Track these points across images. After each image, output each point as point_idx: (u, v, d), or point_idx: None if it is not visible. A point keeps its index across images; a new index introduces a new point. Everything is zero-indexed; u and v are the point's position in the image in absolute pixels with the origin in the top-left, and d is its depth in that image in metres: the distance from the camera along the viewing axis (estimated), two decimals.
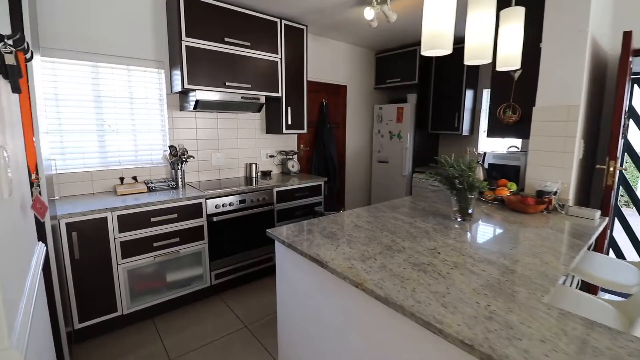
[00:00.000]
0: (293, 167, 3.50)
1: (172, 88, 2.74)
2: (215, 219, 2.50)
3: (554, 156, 2.16)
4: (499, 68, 1.73)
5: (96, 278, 2.04)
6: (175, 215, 2.32)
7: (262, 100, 2.90)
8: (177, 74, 2.58)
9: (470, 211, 1.83)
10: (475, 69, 3.84)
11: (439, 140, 4.53)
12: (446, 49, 1.30)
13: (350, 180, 4.47)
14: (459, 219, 1.84)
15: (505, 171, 2.74)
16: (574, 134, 2.08)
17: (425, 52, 1.34)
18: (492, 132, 2.51)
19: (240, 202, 2.67)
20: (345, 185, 4.40)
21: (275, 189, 2.90)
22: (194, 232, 2.43)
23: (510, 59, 1.66)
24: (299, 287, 1.50)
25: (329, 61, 3.96)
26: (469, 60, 1.62)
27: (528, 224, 1.79)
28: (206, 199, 2.47)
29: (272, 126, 3.33)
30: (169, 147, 2.73)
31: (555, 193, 2.10)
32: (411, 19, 3.08)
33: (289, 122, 3.22)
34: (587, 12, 1.98)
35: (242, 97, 2.77)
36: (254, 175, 3.27)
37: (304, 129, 3.39)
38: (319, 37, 3.82)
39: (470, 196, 1.79)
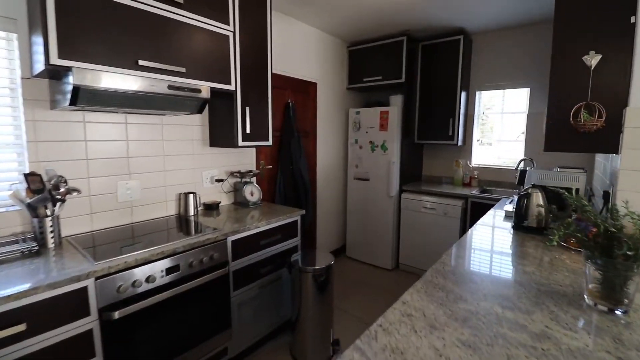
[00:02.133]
0: (252, 194, 2.41)
1: (32, 67, 1.49)
2: (118, 314, 1.31)
3: None
4: None
5: None
6: (22, 328, 1.09)
7: (205, 94, 1.79)
8: (38, 41, 1.35)
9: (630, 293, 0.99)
10: (468, 66, 3.21)
11: (423, 152, 3.82)
12: None
13: (322, 205, 3.50)
14: (603, 307, 1.00)
15: (559, 197, 2.06)
16: None
17: None
18: (554, 143, 1.77)
19: (170, 270, 1.52)
20: (316, 212, 3.42)
21: (230, 238, 1.80)
22: (71, 348, 1.21)
23: None
24: None
25: (296, 49, 2.97)
26: None
27: None
28: (96, 278, 1.27)
29: (221, 136, 2.22)
30: (26, 175, 1.46)
31: None
32: None
33: (248, 130, 2.14)
34: None
35: (170, 87, 1.63)
36: (192, 213, 2.11)
37: (268, 140, 2.33)
38: (285, 15, 2.82)
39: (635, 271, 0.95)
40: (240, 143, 2.12)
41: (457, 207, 3.00)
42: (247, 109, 2.12)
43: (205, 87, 1.76)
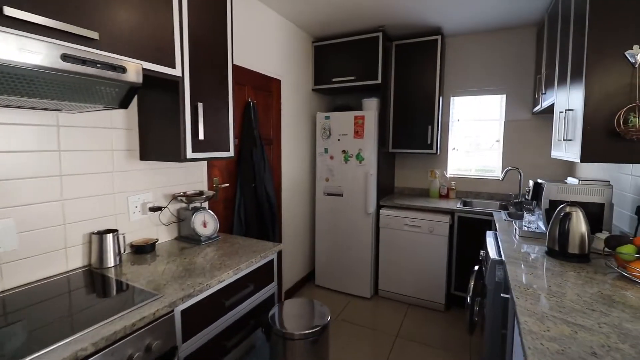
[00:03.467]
0: (206, 225, 1.73)
1: None
2: None
3: None
4: None
5: None
6: None
7: (133, 77, 1.10)
8: None
9: None
10: (444, 69, 2.96)
11: (395, 161, 3.49)
12: None
13: (287, 226, 2.91)
14: None
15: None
16: None
17: None
18: (594, 153, 1.48)
19: None
20: (281, 236, 2.81)
21: (178, 308, 1.12)
22: None
23: None
24: None
25: (256, 37, 2.38)
26: None
27: None
28: None
29: (158, 145, 1.51)
30: None
31: None
32: None
33: (201, 136, 1.48)
34: None
35: (65, 59, 0.92)
36: (111, 263, 1.36)
37: (229, 150, 1.69)
38: None
39: None
40: (190, 155, 1.45)
41: (444, 224, 2.67)
42: (200, 105, 1.47)
43: (134, 66, 1.08)
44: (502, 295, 1.44)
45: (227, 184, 2.16)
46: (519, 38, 2.86)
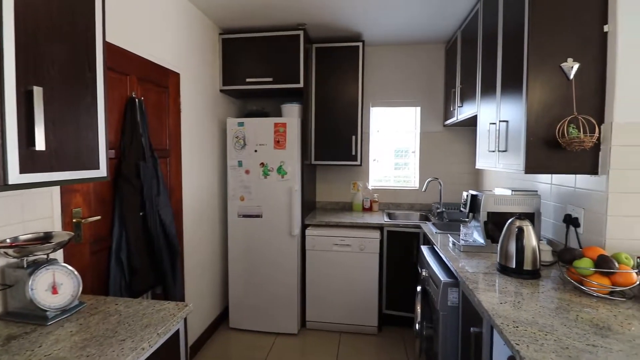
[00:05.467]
0: (57, 290, 1.05)
1: None
2: None
3: None
4: None
5: None
6: None
7: None
8: None
9: None
10: (364, 76, 2.85)
11: (316, 174, 3.21)
12: None
13: (191, 259, 2.27)
14: None
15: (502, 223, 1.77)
16: None
17: None
18: (536, 164, 1.44)
19: None
20: (183, 274, 2.16)
21: None
22: None
23: None
24: None
25: (148, 16, 1.76)
26: None
27: None
28: None
29: None
30: None
31: None
32: None
33: (40, 146, 0.86)
34: None
35: None
36: None
37: (98, 168, 1.07)
38: None
39: None
40: (17, 178, 0.82)
41: (374, 240, 2.49)
42: (38, 91, 0.85)
43: None
44: (472, 329, 1.25)
45: (98, 217, 1.46)
46: (430, 53, 2.97)
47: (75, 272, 1.10)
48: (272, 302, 2.55)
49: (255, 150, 2.48)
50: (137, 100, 1.64)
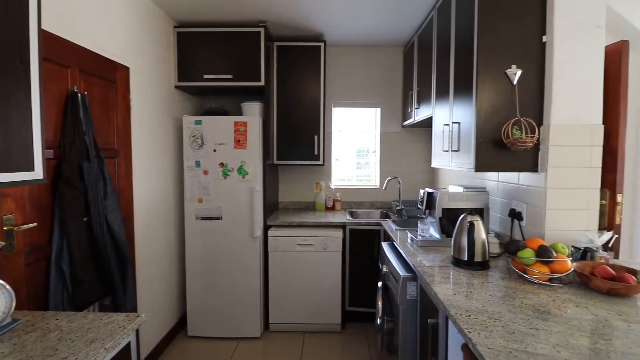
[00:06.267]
0: None
1: None
2: None
3: (577, 195, 1.49)
4: None
5: None
6: None
7: None
8: None
9: None
10: (326, 77, 2.87)
11: (278, 174, 3.17)
12: None
13: (144, 266, 2.14)
14: None
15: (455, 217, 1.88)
16: (598, 164, 1.49)
17: None
18: (485, 163, 1.54)
19: None
20: (136, 283, 2.02)
21: None
22: None
23: None
24: None
25: (92, 4, 1.61)
26: None
27: None
28: None
29: None
30: None
31: (608, 248, 1.42)
32: None
33: None
34: (602, 1, 1.45)
35: None
36: None
37: (33, 169, 0.96)
38: None
39: None
40: None
41: (337, 239, 2.52)
42: None
43: None
44: (429, 320, 1.31)
45: (34, 224, 1.31)
46: (389, 56, 3.07)
47: (7, 286, 0.98)
48: (233, 306, 2.48)
49: (214, 150, 2.39)
50: (79, 95, 1.50)
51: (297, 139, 2.78)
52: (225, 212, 2.43)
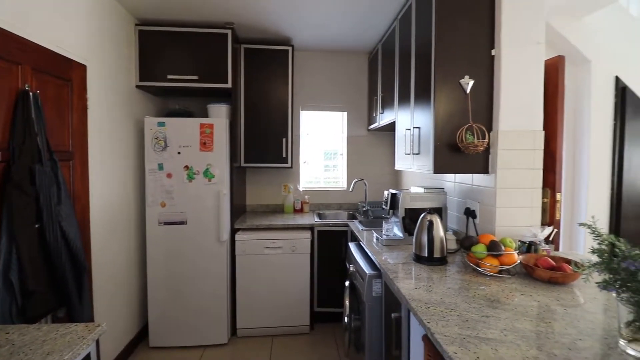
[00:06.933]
0: None
1: None
2: None
3: (523, 194, 1.65)
4: None
5: None
6: None
7: None
8: None
9: None
10: (294, 80, 2.90)
11: (246, 177, 3.15)
12: None
13: (101, 274, 2.03)
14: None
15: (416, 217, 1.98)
16: (540, 166, 1.66)
17: None
18: (442, 165, 1.65)
19: None
20: (92, 294, 1.91)
21: None
22: None
23: None
24: None
25: None
26: None
27: None
28: None
29: None
30: None
31: (549, 241, 1.58)
32: None
33: None
34: (542, 21, 1.62)
35: None
36: None
37: None
38: None
39: None
40: None
41: (305, 240, 2.55)
42: None
43: None
44: (393, 315, 1.38)
45: None
46: (355, 62, 3.17)
47: None
48: (199, 313, 2.41)
49: (179, 153, 2.33)
50: (31, 94, 1.40)
51: (265, 141, 2.78)
52: (190, 216, 2.37)
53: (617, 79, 2.61)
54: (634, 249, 0.86)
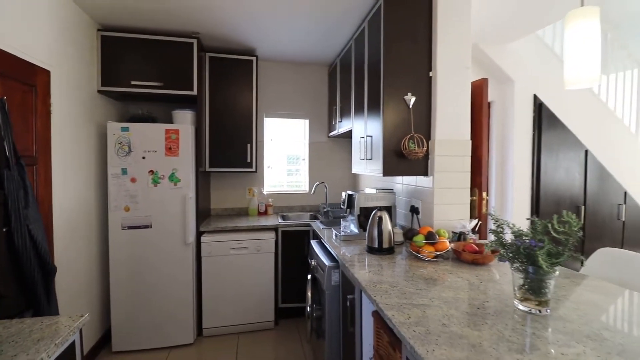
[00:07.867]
0: None
1: None
2: None
3: (455, 193, 1.96)
4: (569, 87, 1.21)
5: None
6: None
7: None
8: None
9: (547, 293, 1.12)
10: (258, 88, 3.06)
11: (210, 181, 3.22)
12: None
13: (63, 279, 2.02)
14: (532, 310, 1.09)
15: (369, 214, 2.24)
16: (468, 169, 1.98)
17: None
18: (390, 169, 1.91)
19: None
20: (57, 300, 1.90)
21: None
22: None
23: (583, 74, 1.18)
24: None
25: (7, 3, 1.52)
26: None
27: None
28: None
29: None
30: None
31: (475, 232, 1.90)
32: None
33: None
34: (469, 49, 1.96)
35: None
36: None
37: None
38: None
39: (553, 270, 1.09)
40: None
41: (270, 240, 2.70)
42: None
43: None
44: (348, 296, 1.59)
45: None
46: (317, 73, 3.40)
47: None
48: (164, 315, 2.46)
49: (144, 157, 2.37)
50: None
51: (230, 146, 2.89)
52: (156, 220, 2.42)
53: (535, 97, 3.11)
54: (521, 230, 1.15)
